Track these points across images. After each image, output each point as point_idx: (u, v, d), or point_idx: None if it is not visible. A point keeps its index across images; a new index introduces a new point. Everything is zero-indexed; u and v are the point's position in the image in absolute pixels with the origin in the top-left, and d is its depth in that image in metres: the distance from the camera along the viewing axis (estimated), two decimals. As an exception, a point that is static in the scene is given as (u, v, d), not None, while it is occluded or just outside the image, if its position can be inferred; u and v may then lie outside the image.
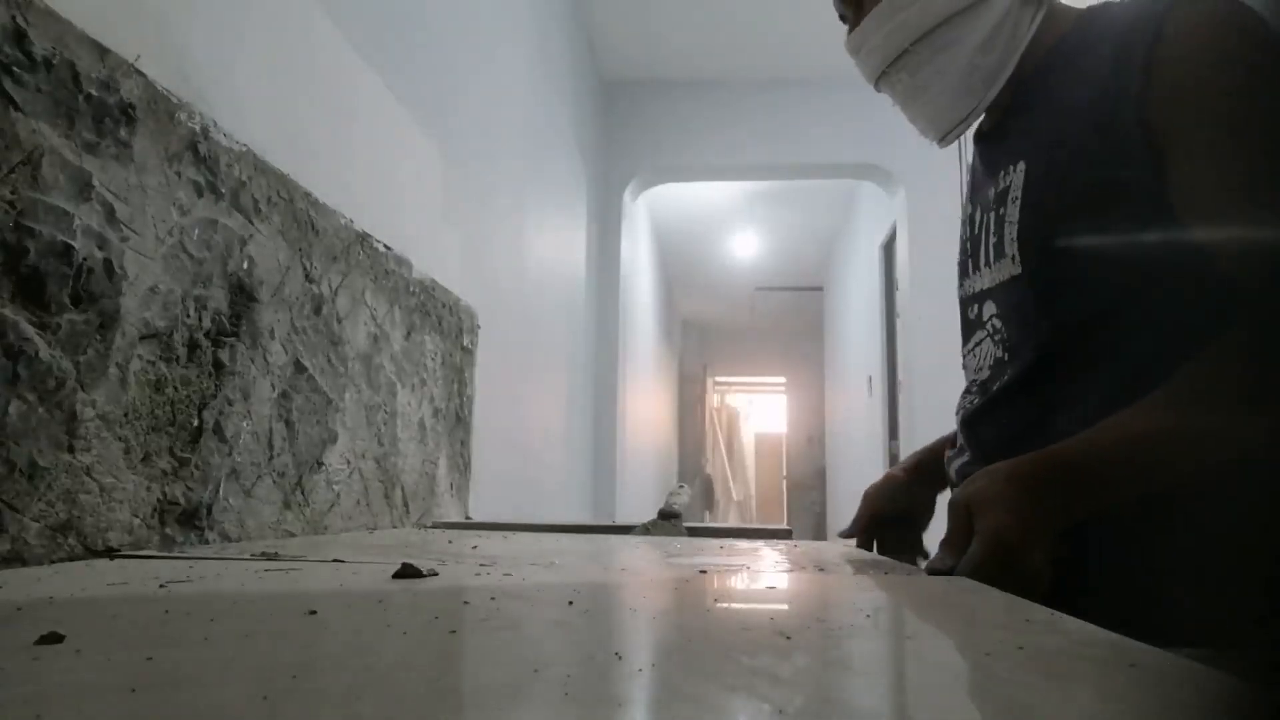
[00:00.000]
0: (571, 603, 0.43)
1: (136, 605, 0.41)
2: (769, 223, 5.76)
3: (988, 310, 0.83)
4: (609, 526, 1.25)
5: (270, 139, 0.84)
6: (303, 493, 0.89)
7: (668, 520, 1.16)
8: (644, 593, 0.51)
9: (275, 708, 0.23)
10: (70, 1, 0.58)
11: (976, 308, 0.85)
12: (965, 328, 0.88)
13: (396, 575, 0.51)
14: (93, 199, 0.59)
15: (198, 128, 0.72)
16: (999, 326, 0.81)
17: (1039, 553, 0.58)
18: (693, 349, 8.51)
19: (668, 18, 3.27)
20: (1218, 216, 0.65)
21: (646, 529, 1.14)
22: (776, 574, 0.64)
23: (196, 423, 0.71)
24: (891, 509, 0.95)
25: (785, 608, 0.48)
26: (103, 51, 0.61)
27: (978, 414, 0.82)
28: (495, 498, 1.22)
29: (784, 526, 1.60)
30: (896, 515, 0.95)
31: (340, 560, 0.61)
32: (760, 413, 11.26)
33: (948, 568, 0.60)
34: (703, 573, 0.59)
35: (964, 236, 0.88)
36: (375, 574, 0.53)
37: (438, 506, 1.29)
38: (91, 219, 0.59)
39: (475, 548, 0.77)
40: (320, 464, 0.93)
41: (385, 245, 1.10)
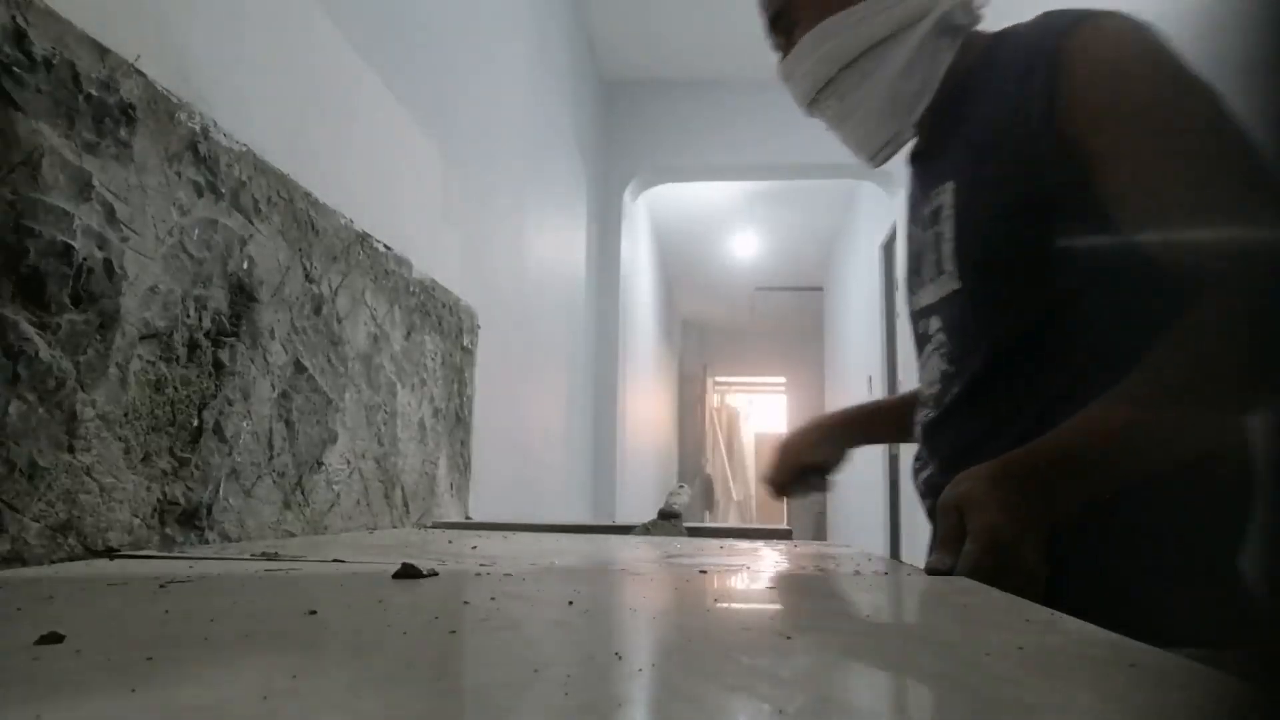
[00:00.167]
0: (571, 603, 0.43)
1: (136, 605, 0.40)
2: (769, 223, 5.76)
3: (933, 325, 0.87)
4: (609, 526, 1.25)
5: (270, 139, 0.84)
6: (303, 493, 0.89)
7: (668, 520, 1.16)
8: (644, 593, 0.51)
9: (275, 708, 0.23)
10: (70, 1, 0.58)
11: (924, 323, 0.89)
12: (916, 342, 0.93)
13: (396, 575, 0.51)
14: (93, 199, 0.59)
15: (198, 128, 0.72)
16: (944, 340, 0.85)
17: (1032, 548, 0.59)
18: (693, 349, 8.51)
19: (668, 18, 3.27)
20: (1161, 212, 0.67)
21: (646, 529, 1.14)
22: (777, 574, 0.64)
23: (196, 423, 0.71)
24: (810, 457, 1.04)
25: (785, 608, 0.48)
26: (103, 51, 0.61)
27: (933, 427, 0.86)
28: (495, 498, 1.22)
29: (784, 526, 1.60)
30: (813, 463, 1.04)
31: (340, 560, 0.61)
32: (760, 413, 11.26)
33: (947, 568, 0.61)
34: (703, 573, 0.59)
35: (908, 253, 0.93)
36: (375, 574, 0.53)
37: (438, 506, 1.29)
38: (91, 219, 0.59)
39: (475, 548, 0.77)
40: (320, 464, 0.93)
41: (385, 245, 1.10)
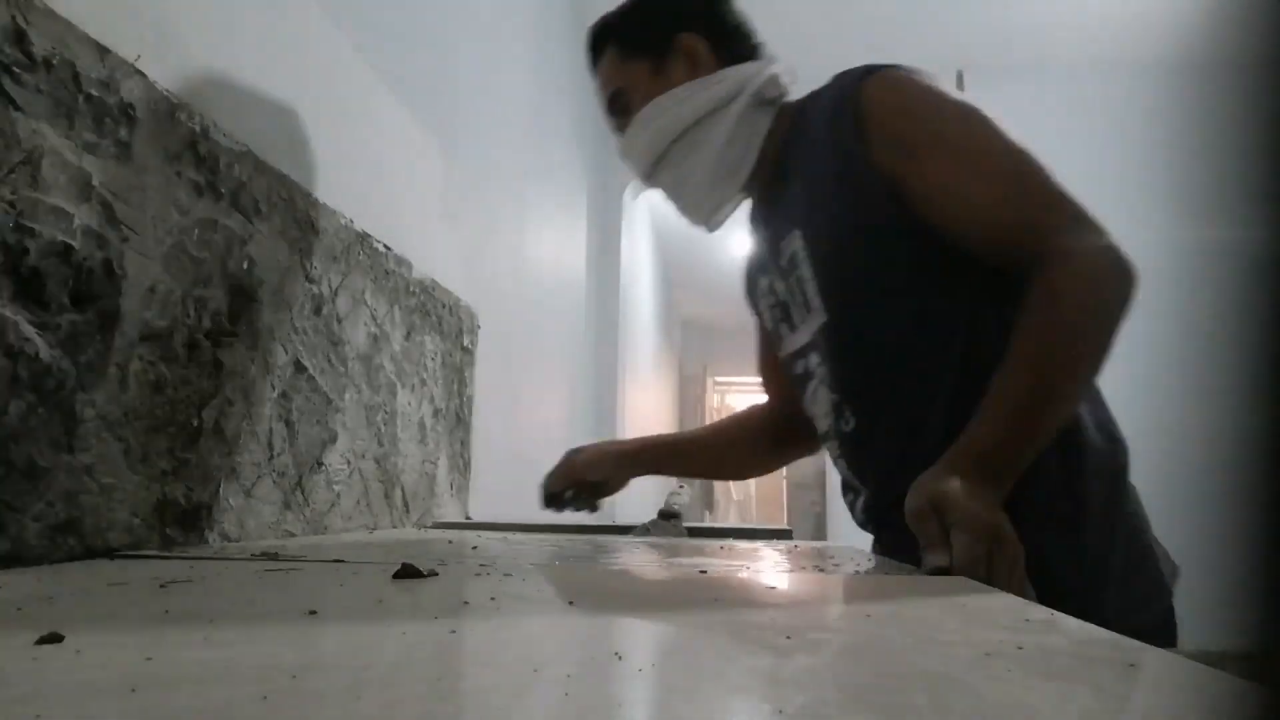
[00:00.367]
0: (571, 603, 0.43)
1: (136, 605, 0.40)
2: (769, 223, 5.75)
3: (812, 361, 0.94)
4: (609, 526, 1.25)
5: (270, 139, 0.84)
6: (303, 493, 0.89)
7: (668, 520, 1.16)
8: (644, 593, 0.51)
9: (275, 708, 0.23)
10: (70, 1, 0.58)
11: (801, 363, 0.97)
12: (797, 384, 1.00)
13: (396, 575, 0.51)
14: (93, 199, 0.59)
15: (198, 128, 0.72)
16: (825, 372, 0.92)
17: (1009, 526, 0.65)
18: (693, 349, 8.51)
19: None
20: (970, 214, 0.78)
21: (646, 529, 1.14)
22: (777, 574, 0.64)
23: (196, 423, 0.71)
24: (589, 475, 1.10)
25: (785, 608, 0.48)
26: (103, 51, 0.61)
27: (851, 456, 0.92)
28: (495, 498, 1.22)
29: (784, 527, 1.60)
30: (590, 482, 1.10)
31: (340, 560, 0.61)
32: (760, 413, 11.22)
33: (946, 564, 0.61)
34: (703, 573, 0.59)
35: (770, 306, 1.01)
36: (375, 574, 0.53)
37: (438, 506, 1.29)
38: (91, 219, 0.59)
39: (475, 548, 0.77)
40: (320, 464, 0.93)
41: (385, 245, 1.10)
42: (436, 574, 0.52)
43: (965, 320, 0.82)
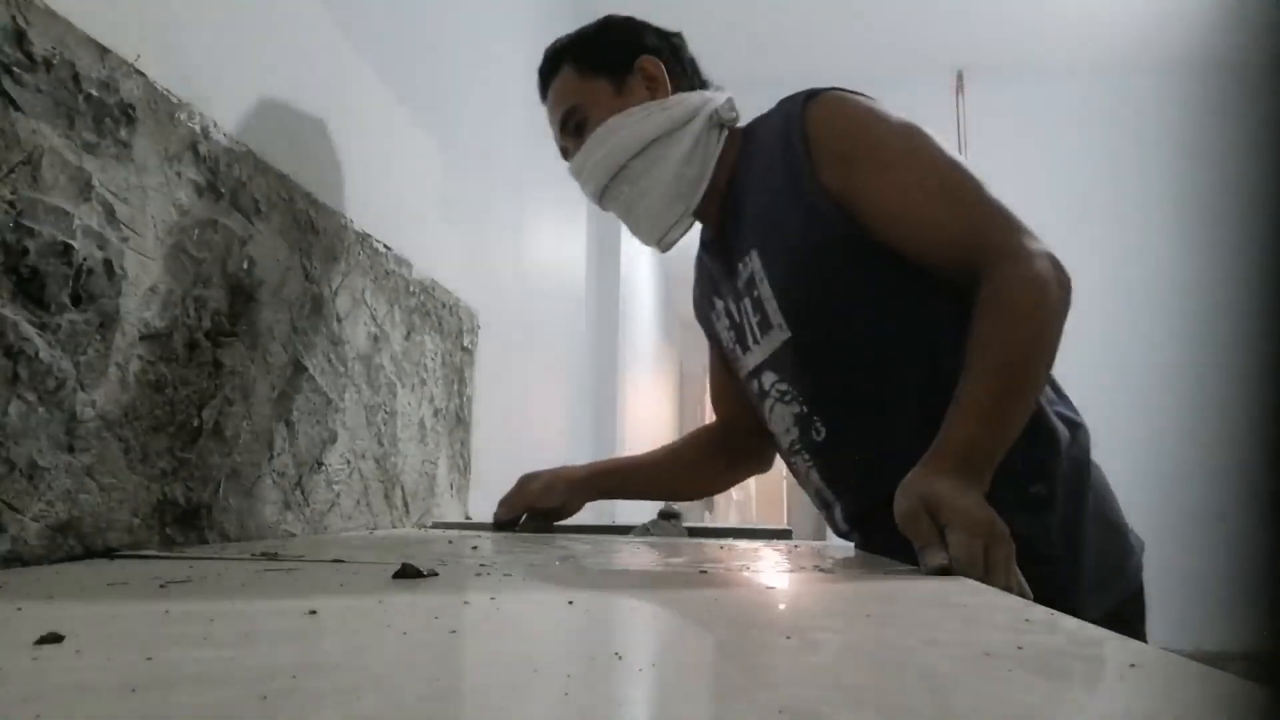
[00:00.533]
0: (571, 603, 0.43)
1: (136, 605, 0.41)
2: (769, 223, 5.75)
3: (768, 380, 0.96)
4: (609, 526, 1.25)
5: (270, 139, 0.84)
6: (303, 493, 0.89)
7: (668, 520, 1.15)
8: (644, 593, 0.51)
9: (275, 708, 0.23)
10: (70, 1, 0.58)
11: (757, 382, 0.98)
12: (756, 402, 1.01)
13: (396, 575, 0.51)
14: (93, 199, 0.59)
15: (198, 128, 0.72)
16: (785, 389, 0.94)
17: (1000, 520, 0.66)
18: (693, 349, 8.50)
19: (668, 19, 3.27)
20: (918, 227, 0.82)
21: (646, 529, 1.14)
22: (777, 574, 0.64)
23: (196, 423, 0.71)
24: (541, 502, 1.11)
25: (785, 607, 0.48)
26: (103, 51, 0.61)
27: (824, 466, 0.94)
28: (495, 498, 1.22)
29: (784, 526, 1.59)
30: (546, 508, 1.10)
31: (340, 560, 0.61)
32: (760, 413, 11.24)
33: (946, 564, 0.61)
34: (703, 573, 0.59)
35: (724, 329, 1.03)
36: (375, 574, 0.53)
37: (438, 506, 1.29)
38: (91, 219, 0.59)
39: (475, 548, 0.77)
40: (320, 464, 0.93)
41: (385, 245, 1.10)
42: (436, 574, 0.52)
43: (926, 325, 0.85)
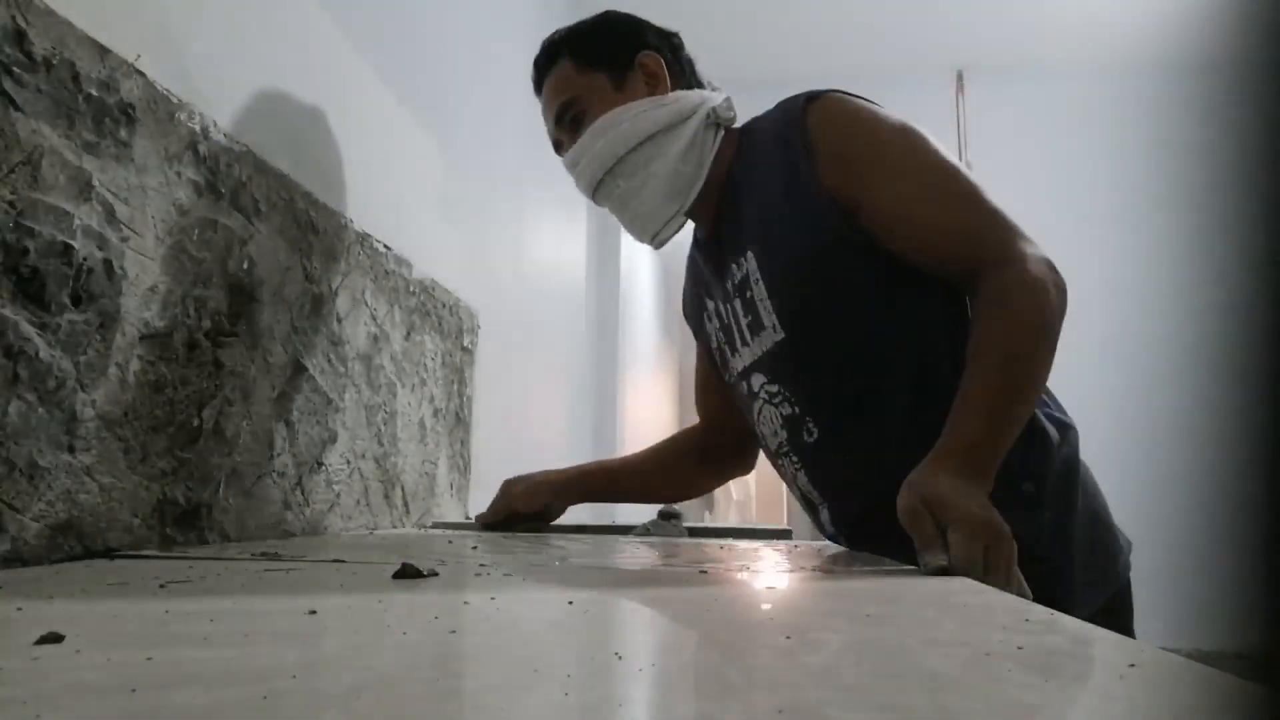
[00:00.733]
0: (571, 603, 0.43)
1: (136, 605, 0.40)
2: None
3: (757, 381, 0.96)
4: (609, 526, 1.25)
5: (270, 139, 0.84)
6: (303, 493, 0.89)
7: (668, 520, 1.15)
8: (644, 593, 0.51)
9: (275, 708, 0.23)
10: (70, 1, 0.58)
11: (746, 384, 0.98)
12: (743, 404, 1.01)
13: (396, 575, 0.51)
14: (93, 199, 0.59)
15: (198, 128, 0.72)
16: (775, 391, 0.94)
17: (1002, 521, 0.66)
18: (693, 347, 8.49)
19: (668, 19, 3.27)
20: (917, 229, 0.82)
21: (646, 529, 1.14)
22: (776, 574, 0.64)
23: (196, 423, 0.71)
24: (523, 507, 1.11)
25: (785, 607, 0.48)
26: (103, 51, 0.61)
27: (814, 468, 0.94)
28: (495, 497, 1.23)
29: (784, 526, 1.59)
30: (531, 511, 1.12)
31: (340, 560, 0.61)
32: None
33: (946, 565, 0.61)
34: (703, 573, 0.59)
35: (714, 330, 1.03)
36: (375, 574, 0.53)
37: (438, 506, 1.29)
38: (91, 219, 0.59)
39: (475, 548, 0.77)
40: (320, 464, 0.93)
41: (385, 245, 1.10)
42: (436, 574, 0.52)
43: (919, 329, 0.86)
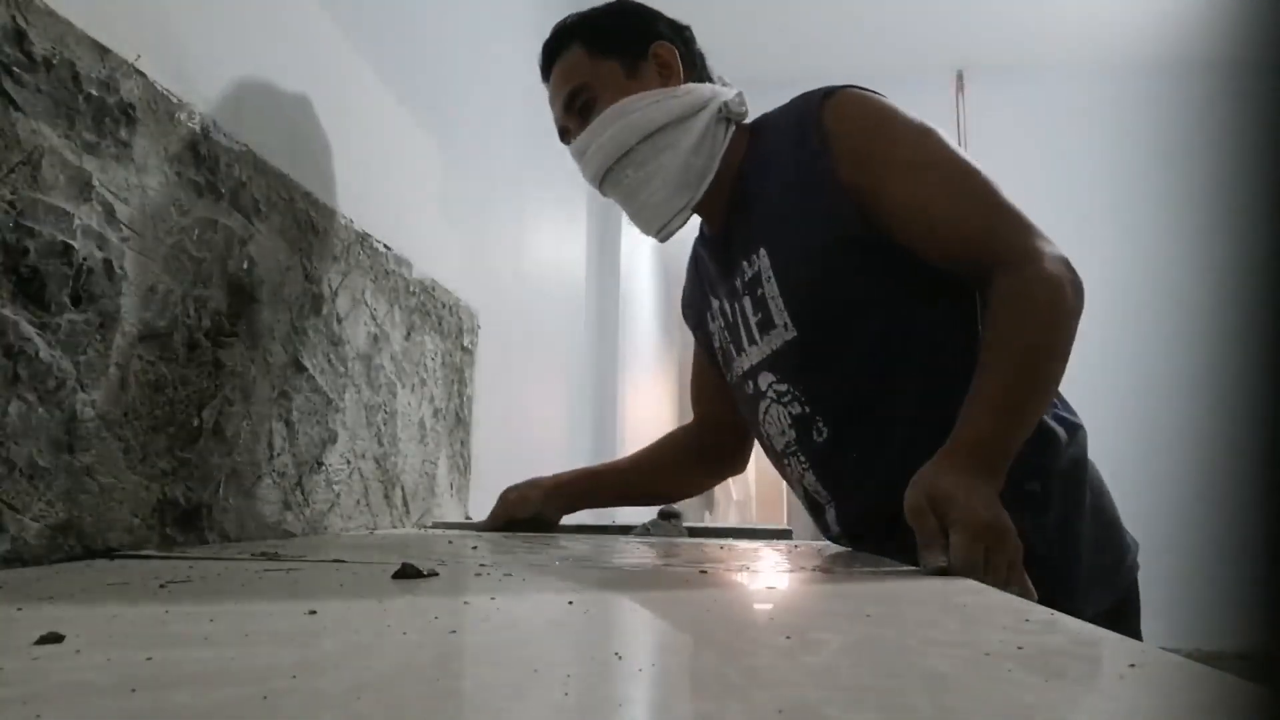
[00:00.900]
0: (571, 603, 0.43)
1: (136, 605, 0.41)
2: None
3: (765, 380, 0.94)
4: (609, 526, 1.25)
5: (270, 139, 0.84)
6: (303, 493, 0.89)
7: (668, 520, 1.15)
8: (644, 593, 0.51)
9: (275, 708, 0.23)
10: (70, 1, 0.58)
11: (752, 383, 0.96)
12: (747, 404, 0.99)
13: (396, 575, 0.51)
14: (93, 199, 0.59)
15: (198, 128, 0.72)
16: (784, 390, 0.92)
17: (1008, 519, 0.66)
18: (693, 347, 8.49)
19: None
20: (932, 225, 0.82)
21: (646, 529, 1.14)
22: (776, 574, 0.64)
23: (196, 423, 0.71)
24: (520, 513, 1.12)
25: (785, 608, 0.48)
26: (103, 51, 0.61)
27: (823, 467, 0.92)
28: (495, 498, 1.23)
29: (784, 526, 1.60)
30: (526, 517, 1.13)
31: (340, 560, 0.61)
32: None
33: (945, 565, 0.61)
34: (703, 573, 0.59)
35: (719, 328, 1.02)
36: (375, 574, 0.53)
37: (438, 506, 1.29)
38: (91, 219, 0.59)
39: (475, 548, 0.77)
40: (320, 464, 0.93)
41: (385, 245, 1.10)
42: (436, 574, 0.52)
43: (931, 328, 0.86)
